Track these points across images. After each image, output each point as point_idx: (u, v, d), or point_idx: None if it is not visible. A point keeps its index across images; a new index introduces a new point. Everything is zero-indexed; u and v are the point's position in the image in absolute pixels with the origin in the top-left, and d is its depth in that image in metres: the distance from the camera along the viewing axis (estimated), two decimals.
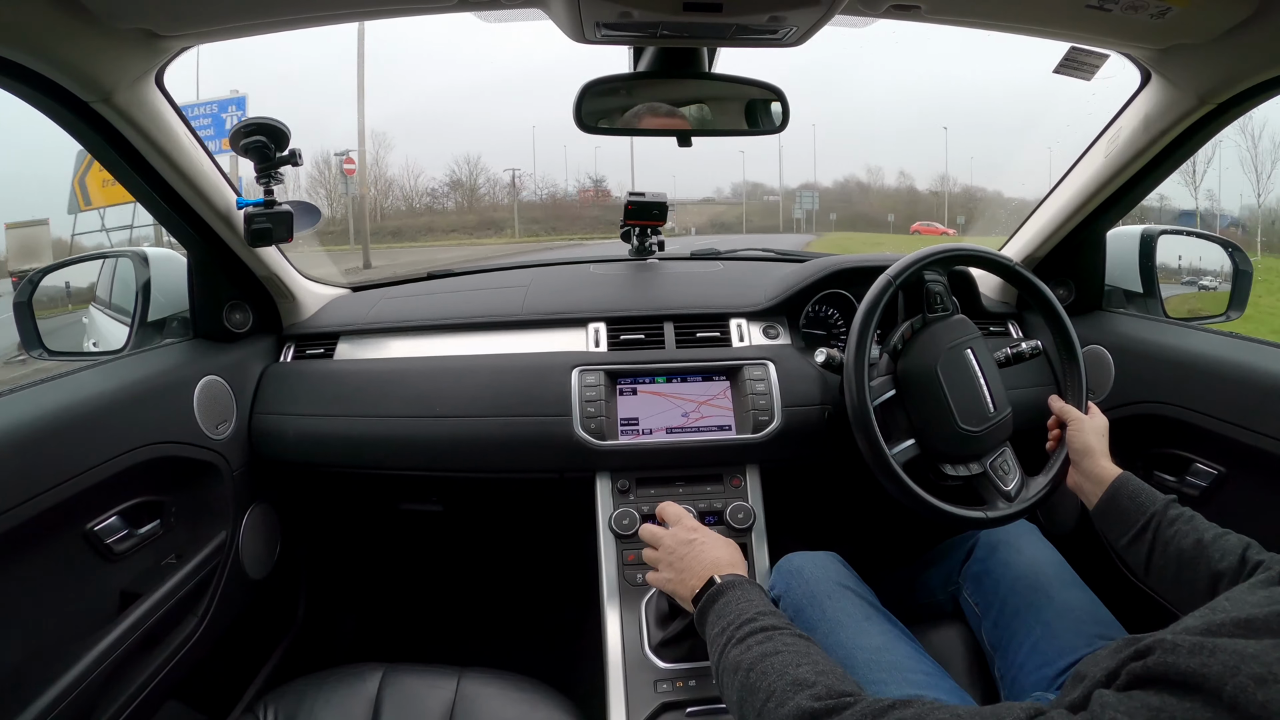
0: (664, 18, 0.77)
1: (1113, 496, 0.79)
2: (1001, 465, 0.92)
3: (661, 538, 0.80)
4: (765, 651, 0.58)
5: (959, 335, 0.94)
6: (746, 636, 0.61)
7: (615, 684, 0.85)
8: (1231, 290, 1.24)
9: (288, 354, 1.23)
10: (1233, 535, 0.70)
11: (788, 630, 0.61)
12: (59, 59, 0.73)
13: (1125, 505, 0.77)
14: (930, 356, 0.91)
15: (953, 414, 0.89)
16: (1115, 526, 0.78)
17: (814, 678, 0.53)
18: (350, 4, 0.80)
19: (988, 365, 0.94)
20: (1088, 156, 1.13)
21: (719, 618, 0.66)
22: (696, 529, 0.80)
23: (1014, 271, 0.99)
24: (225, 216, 1.04)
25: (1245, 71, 0.85)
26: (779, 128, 1.04)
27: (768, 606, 0.66)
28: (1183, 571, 0.71)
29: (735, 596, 0.67)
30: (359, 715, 0.83)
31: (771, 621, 0.62)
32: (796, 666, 0.55)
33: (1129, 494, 0.78)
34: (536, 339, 1.18)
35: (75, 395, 0.84)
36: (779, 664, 0.56)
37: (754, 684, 0.56)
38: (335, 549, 1.49)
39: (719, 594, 0.69)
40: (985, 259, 0.99)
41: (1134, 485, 0.78)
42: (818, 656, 0.57)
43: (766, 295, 1.22)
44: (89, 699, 0.77)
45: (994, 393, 0.92)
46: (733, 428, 1.08)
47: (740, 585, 0.69)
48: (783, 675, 0.54)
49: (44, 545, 0.79)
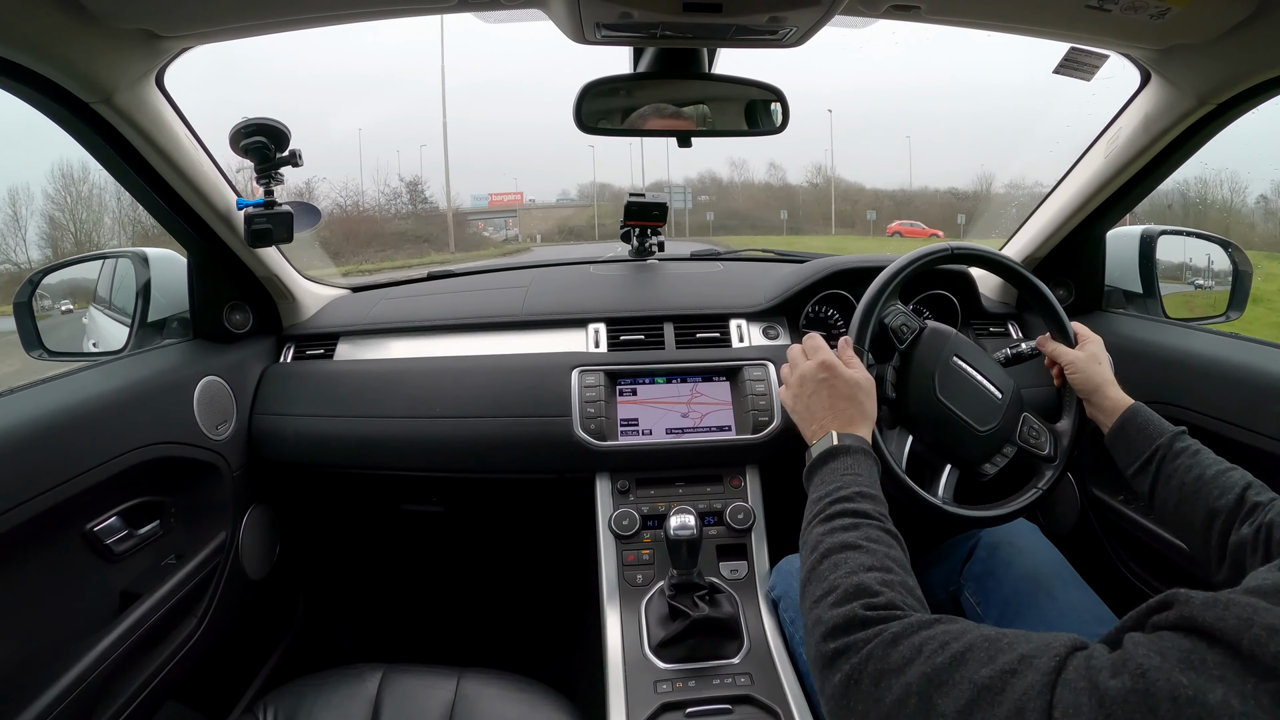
0: (664, 18, 0.77)
1: (1122, 427, 0.80)
2: (1030, 434, 0.92)
3: (798, 365, 0.80)
4: (845, 542, 0.57)
5: (937, 349, 0.91)
6: (834, 517, 0.60)
7: (615, 684, 0.85)
8: (1231, 290, 1.24)
9: (288, 354, 1.23)
10: (1236, 472, 0.71)
11: (876, 522, 0.60)
12: (59, 59, 0.73)
13: (1133, 436, 0.79)
14: (925, 389, 0.88)
15: (970, 426, 0.88)
16: (1123, 456, 0.80)
17: (879, 588, 0.51)
18: (350, 4, 0.80)
19: (976, 357, 0.93)
20: (1088, 157, 1.13)
21: (822, 483, 0.65)
22: (831, 367, 0.77)
23: (1014, 271, 0.99)
24: (225, 217, 1.04)
25: (1245, 72, 0.85)
26: (779, 128, 1.04)
27: (868, 485, 0.64)
28: (1181, 505, 0.72)
29: (843, 465, 0.66)
30: (358, 715, 0.83)
31: (864, 506, 0.61)
32: (867, 570, 0.53)
33: (1138, 425, 0.79)
34: (536, 339, 1.18)
35: (75, 395, 0.84)
36: (852, 562, 0.54)
37: (822, 573, 0.55)
38: (335, 549, 1.49)
39: (831, 456, 0.68)
40: (985, 258, 0.99)
41: (1143, 417, 0.79)
42: (892, 562, 0.55)
43: (766, 296, 1.22)
44: (89, 699, 0.77)
45: (994, 379, 0.92)
46: (732, 428, 1.08)
47: (851, 453, 0.67)
48: (851, 575, 0.53)
49: (44, 546, 0.79)
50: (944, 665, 0.43)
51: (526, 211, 32.87)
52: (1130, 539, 1.07)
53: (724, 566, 1.01)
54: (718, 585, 0.95)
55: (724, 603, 0.91)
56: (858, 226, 29.41)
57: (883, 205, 30.75)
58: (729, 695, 0.82)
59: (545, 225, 31.72)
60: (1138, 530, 1.04)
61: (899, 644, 0.45)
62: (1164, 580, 1.02)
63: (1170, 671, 0.34)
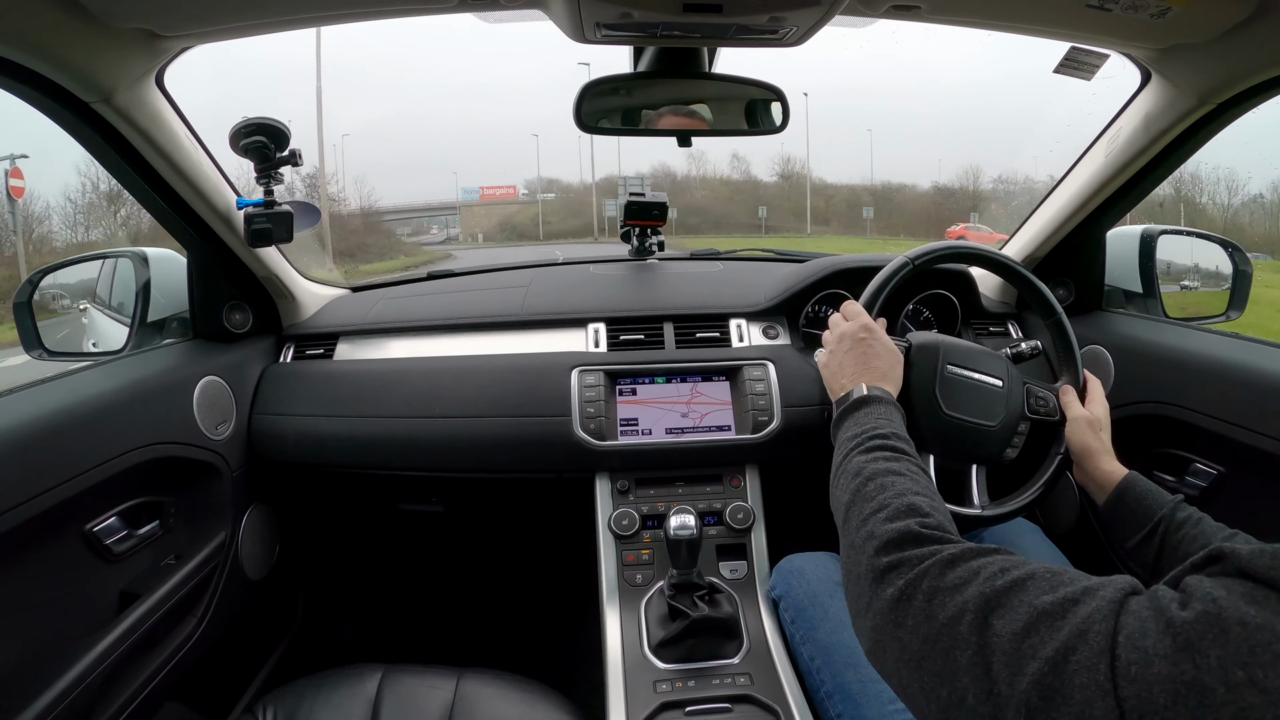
0: (664, 18, 0.77)
1: (1119, 498, 0.78)
2: (1038, 404, 0.91)
3: (838, 325, 0.83)
4: (891, 469, 0.58)
5: (931, 365, 0.88)
6: (876, 449, 0.61)
7: (615, 684, 0.85)
8: (1231, 290, 1.24)
9: (287, 354, 1.23)
10: (1240, 537, 0.69)
11: (914, 459, 0.61)
12: (59, 59, 0.73)
13: (1132, 508, 0.76)
14: (931, 410, 0.86)
15: (983, 426, 0.88)
16: (1121, 529, 0.77)
17: (929, 510, 0.52)
18: (350, 4, 0.80)
19: (968, 356, 0.91)
20: (1088, 156, 1.13)
21: (855, 424, 0.66)
22: (871, 329, 0.80)
23: (1014, 271, 0.98)
24: (225, 217, 1.04)
25: (1245, 71, 0.85)
26: (779, 127, 1.04)
27: (903, 431, 0.65)
28: None
29: (876, 411, 0.67)
30: (358, 716, 0.83)
31: (902, 446, 0.62)
32: (915, 494, 0.54)
33: (1136, 496, 0.76)
34: (536, 339, 1.18)
35: (75, 395, 0.84)
36: (900, 485, 0.55)
37: (870, 493, 0.55)
38: (335, 549, 1.49)
39: (863, 403, 0.69)
40: (985, 258, 0.99)
41: (1140, 488, 0.77)
42: (935, 494, 0.56)
43: (766, 295, 1.22)
44: (88, 699, 0.77)
45: (990, 370, 0.91)
46: (732, 428, 1.08)
47: (884, 402, 0.69)
48: (901, 496, 0.54)
49: (44, 546, 0.79)
50: (1004, 588, 0.42)
51: (468, 209, 30.61)
52: None
53: (724, 566, 1.01)
54: (717, 585, 0.95)
55: (723, 602, 0.91)
56: (833, 224, 28.02)
57: (860, 201, 29.15)
58: (728, 695, 0.83)
59: (487, 224, 29.69)
60: None
61: (956, 565, 0.45)
62: None
63: (1238, 603, 0.35)
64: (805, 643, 0.84)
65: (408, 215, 29.69)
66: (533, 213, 29.36)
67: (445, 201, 31.23)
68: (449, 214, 30.34)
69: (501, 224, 29.49)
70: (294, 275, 1.26)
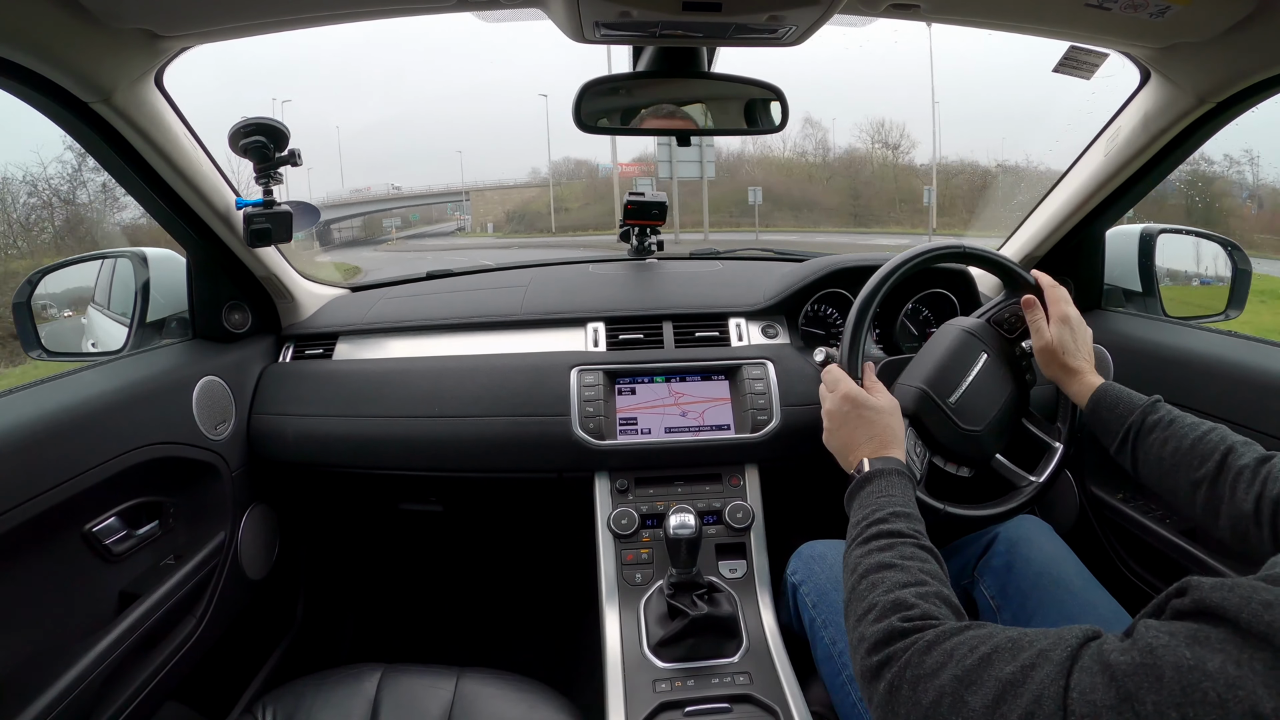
0: (663, 17, 0.77)
1: (1094, 409, 0.82)
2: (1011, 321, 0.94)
3: (824, 401, 0.83)
4: (882, 562, 0.60)
5: (934, 414, 0.89)
6: (872, 539, 0.63)
7: (614, 684, 0.85)
8: (1230, 289, 1.24)
9: (287, 354, 1.23)
10: (1215, 434, 0.72)
11: (910, 539, 0.62)
12: (59, 59, 0.73)
13: (1106, 417, 0.81)
14: (965, 438, 0.89)
15: (996, 418, 0.90)
16: (1103, 437, 0.82)
17: (914, 601, 0.54)
18: (350, 4, 0.80)
19: (955, 370, 0.92)
20: (1087, 155, 1.13)
21: (859, 507, 0.68)
22: (854, 400, 0.80)
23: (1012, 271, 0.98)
24: (224, 217, 1.03)
25: (1245, 70, 0.85)
26: (778, 127, 1.04)
27: (902, 504, 0.66)
28: (1164, 480, 0.74)
29: (878, 488, 0.69)
30: (358, 716, 0.83)
31: (898, 526, 0.63)
32: (903, 587, 0.56)
33: (1108, 405, 0.81)
34: (535, 339, 1.18)
35: (75, 396, 0.84)
36: (890, 580, 0.57)
37: (861, 593, 0.58)
38: (334, 549, 1.49)
39: (865, 482, 0.71)
40: (984, 258, 0.99)
41: (1112, 396, 0.81)
42: (927, 575, 0.58)
43: (765, 295, 1.22)
44: (88, 700, 0.77)
45: (971, 356, 0.92)
46: (731, 427, 1.08)
47: (884, 476, 0.70)
48: (889, 592, 0.56)
49: (43, 546, 0.79)
50: (973, 666, 0.46)
51: (479, 194, 27.35)
52: (1130, 537, 1.07)
53: (723, 565, 1.01)
54: (717, 584, 0.95)
55: (723, 602, 0.91)
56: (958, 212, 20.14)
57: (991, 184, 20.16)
58: (728, 694, 0.83)
59: (496, 212, 26.38)
60: (1137, 529, 1.04)
61: (932, 650, 0.49)
62: (1164, 579, 1.01)
63: (1177, 647, 0.38)
64: (827, 626, 0.85)
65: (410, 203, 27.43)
66: (547, 201, 25.72)
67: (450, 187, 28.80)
68: (451, 200, 27.90)
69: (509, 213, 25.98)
70: (293, 275, 1.26)
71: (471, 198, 27.95)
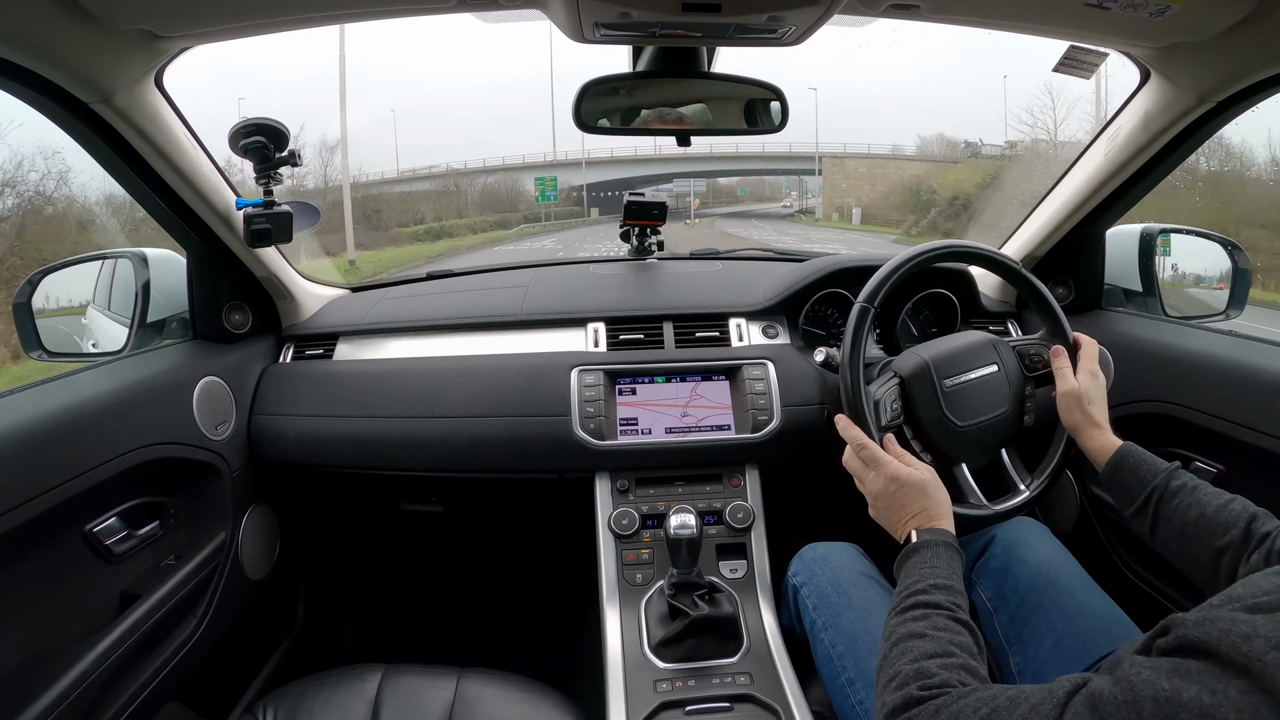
0: (663, 17, 0.77)
1: (1114, 470, 0.80)
2: (1035, 360, 0.94)
3: (864, 480, 0.81)
4: (913, 631, 0.61)
5: (928, 389, 0.91)
6: (910, 609, 0.64)
7: (615, 684, 0.85)
8: (1231, 289, 1.24)
9: (287, 354, 1.23)
10: (1238, 503, 0.71)
11: (946, 611, 0.63)
12: (59, 60, 0.73)
13: (1126, 478, 0.79)
14: (948, 432, 0.90)
15: (998, 416, 0.90)
16: (1118, 499, 0.80)
17: (936, 670, 0.56)
18: (350, 4, 0.80)
19: (957, 361, 0.92)
20: (1087, 155, 1.13)
21: (905, 577, 0.69)
22: (896, 477, 0.78)
23: (1013, 270, 0.99)
24: (225, 217, 1.03)
25: (1244, 70, 0.85)
26: (778, 126, 1.04)
27: (944, 576, 0.67)
28: (1185, 545, 0.73)
29: (920, 560, 0.70)
30: (358, 716, 0.83)
31: (936, 598, 0.64)
32: (929, 657, 0.58)
33: (1130, 466, 0.79)
34: (536, 339, 1.18)
35: (75, 396, 0.84)
36: (918, 649, 0.59)
37: (891, 659, 0.60)
38: (335, 550, 1.49)
39: (912, 553, 0.71)
40: (984, 257, 0.99)
41: (1134, 459, 0.79)
42: (955, 647, 0.59)
43: (766, 295, 1.22)
44: (89, 700, 0.77)
45: (982, 358, 0.93)
46: (732, 427, 1.08)
47: (930, 548, 0.71)
48: (915, 661, 0.58)
49: (44, 546, 0.79)
50: None
51: (838, 163, 23.11)
52: (1131, 539, 1.07)
53: (724, 566, 1.01)
54: (717, 584, 0.95)
55: (723, 602, 0.91)
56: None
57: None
58: (728, 694, 0.83)
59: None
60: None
61: (940, 715, 0.52)
62: (1165, 580, 1.01)
63: (1156, 681, 0.41)
64: (828, 629, 0.85)
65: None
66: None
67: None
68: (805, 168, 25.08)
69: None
70: (293, 275, 1.26)
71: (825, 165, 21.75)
